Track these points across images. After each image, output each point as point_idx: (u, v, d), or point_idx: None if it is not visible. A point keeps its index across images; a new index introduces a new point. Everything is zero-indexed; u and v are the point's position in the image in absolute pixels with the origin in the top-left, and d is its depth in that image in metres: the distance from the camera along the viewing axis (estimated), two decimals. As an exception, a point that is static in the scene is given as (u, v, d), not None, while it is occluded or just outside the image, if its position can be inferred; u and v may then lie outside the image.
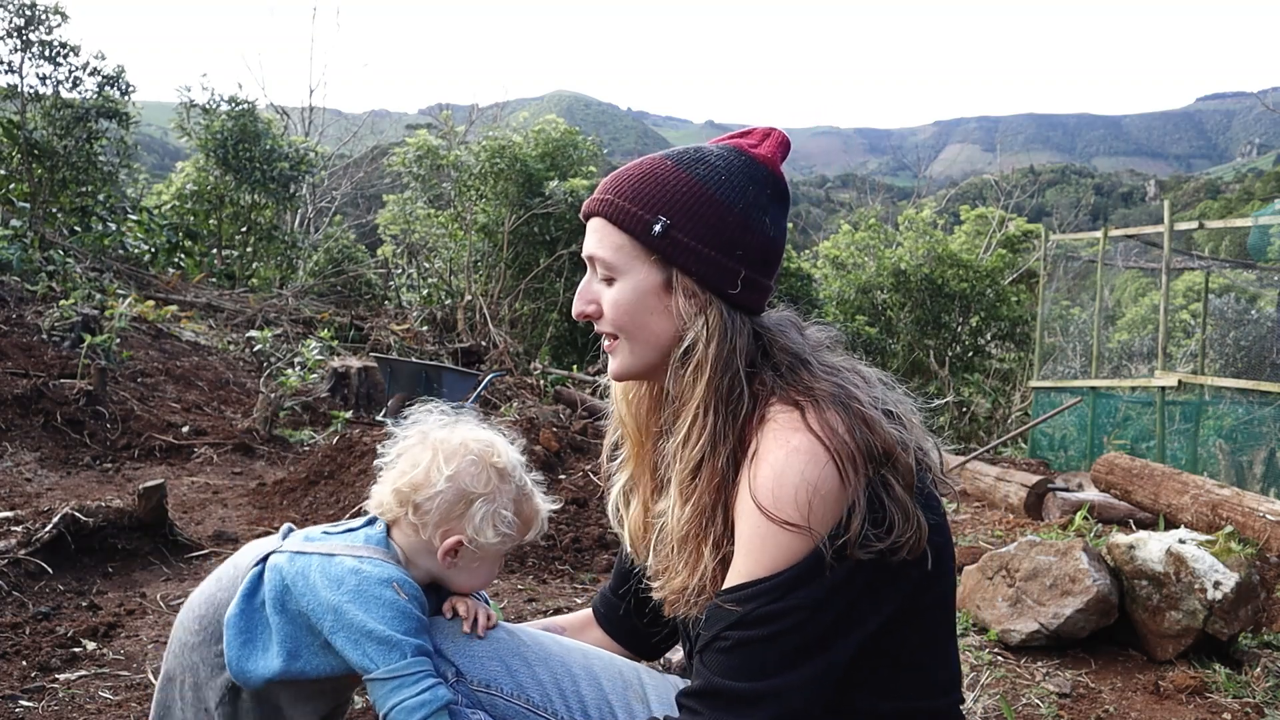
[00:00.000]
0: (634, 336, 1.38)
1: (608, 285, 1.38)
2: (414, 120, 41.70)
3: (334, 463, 5.19)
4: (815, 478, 1.22)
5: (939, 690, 1.40)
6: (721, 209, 1.33)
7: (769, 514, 1.22)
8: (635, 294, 1.36)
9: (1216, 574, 3.19)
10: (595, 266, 1.40)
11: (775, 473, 1.23)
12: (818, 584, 1.22)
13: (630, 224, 1.34)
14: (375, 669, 1.46)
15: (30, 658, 2.78)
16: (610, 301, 1.38)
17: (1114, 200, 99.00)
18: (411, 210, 16.65)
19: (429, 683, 1.46)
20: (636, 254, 1.35)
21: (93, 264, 11.91)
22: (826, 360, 1.38)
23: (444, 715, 1.46)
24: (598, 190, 1.40)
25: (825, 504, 1.22)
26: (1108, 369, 14.42)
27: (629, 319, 1.37)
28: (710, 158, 1.37)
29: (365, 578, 1.51)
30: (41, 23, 12.70)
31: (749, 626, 1.24)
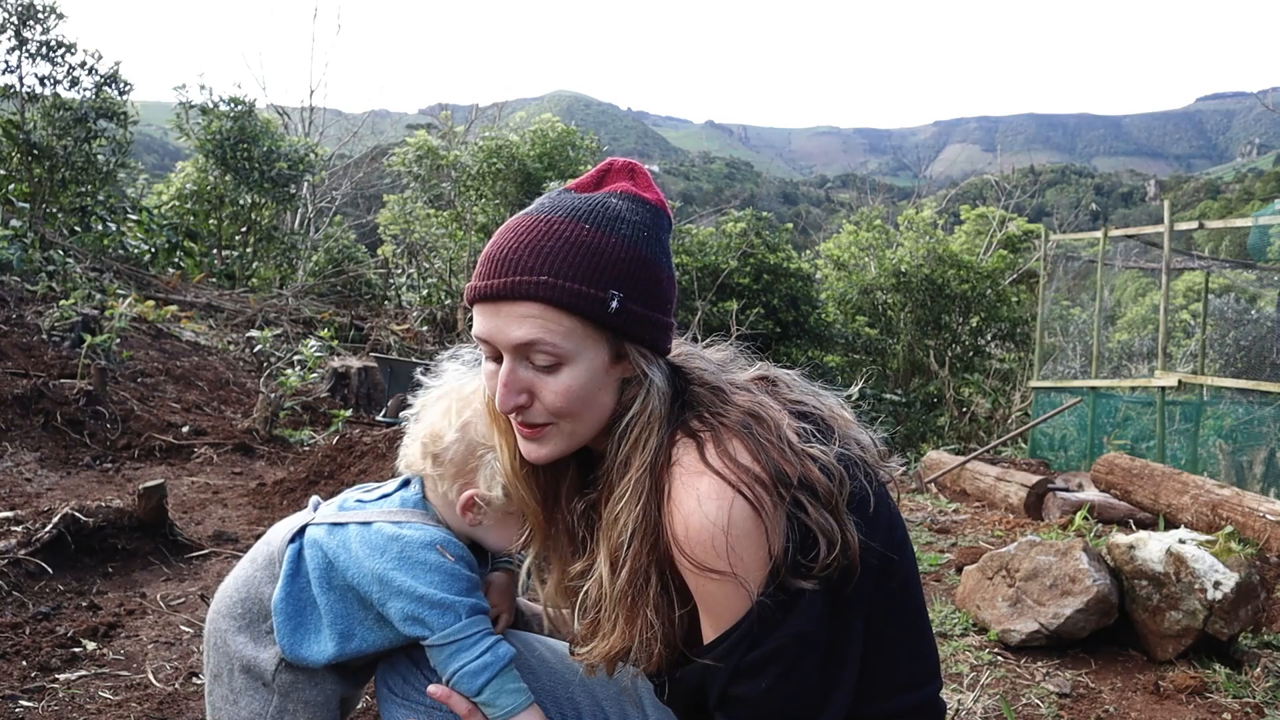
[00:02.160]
0: (579, 420, 1.28)
1: (548, 373, 1.25)
2: (414, 120, 41.71)
3: (334, 463, 5.20)
4: (726, 521, 1.17)
5: (908, 686, 1.37)
6: (653, 268, 1.27)
7: (696, 566, 1.19)
8: (588, 376, 1.26)
9: (1216, 574, 3.19)
10: (528, 353, 1.25)
11: (690, 526, 1.19)
12: (789, 621, 1.20)
13: (582, 305, 1.22)
14: (431, 635, 1.43)
15: (30, 658, 2.78)
16: (557, 390, 1.25)
17: (1114, 200, 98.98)
18: (411, 210, 16.65)
19: (488, 642, 1.43)
20: (587, 334, 1.24)
21: (93, 264, 11.91)
22: (736, 381, 1.34)
23: (510, 673, 1.43)
24: (508, 269, 1.23)
25: (746, 544, 1.18)
26: (1108, 369, 14.42)
27: (579, 404, 1.26)
28: (623, 213, 1.27)
29: (407, 543, 1.47)
30: (39, 22, 12.70)
31: (748, 678, 1.22)
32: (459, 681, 1.43)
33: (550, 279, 1.21)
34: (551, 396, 1.26)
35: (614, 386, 1.30)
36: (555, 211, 1.27)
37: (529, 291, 1.22)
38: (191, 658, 2.88)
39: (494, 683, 1.43)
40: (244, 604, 1.55)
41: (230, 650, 1.54)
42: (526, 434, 1.31)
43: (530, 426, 1.30)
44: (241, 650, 1.53)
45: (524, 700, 1.45)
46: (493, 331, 1.26)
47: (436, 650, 1.44)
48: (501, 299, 1.24)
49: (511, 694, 1.44)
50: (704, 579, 1.20)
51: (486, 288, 1.25)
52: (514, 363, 1.26)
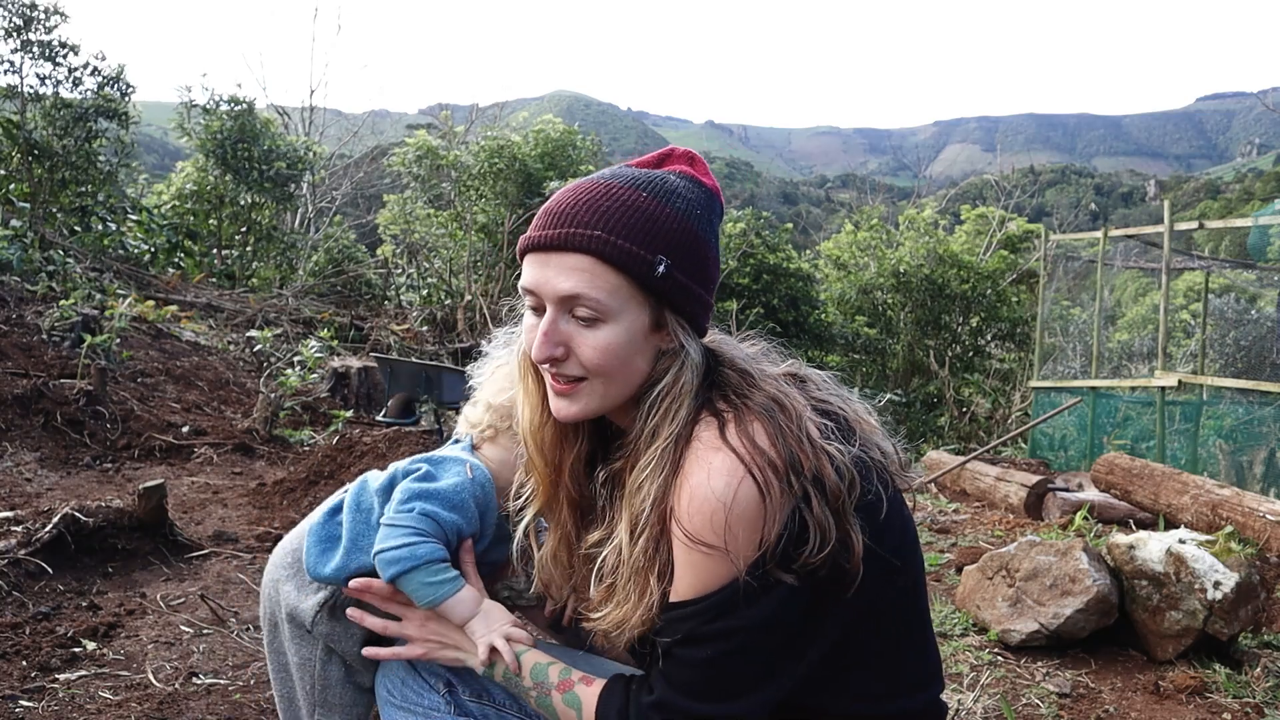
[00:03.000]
0: (613, 380, 1.31)
1: (588, 327, 1.28)
2: (414, 120, 41.71)
3: (334, 463, 5.19)
4: (731, 498, 1.19)
5: (911, 689, 1.38)
6: (702, 244, 1.31)
7: (689, 537, 1.21)
8: (628, 336, 1.29)
9: (1216, 574, 3.19)
10: (572, 306, 1.28)
11: (695, 495, 1.21)
12: (753, 606, 1.21)
13: (631, 264, 1.26)
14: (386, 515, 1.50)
15: (30, 658, 2.78)
16: (596, 345, 1.28)
17: (1114, 200, 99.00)
18: (411, 210, 16.65)
19: (413, 539, 1.46)
20: (632, 295, 1.28)
21: (93, 264, 11.91)
22: (766, 371, 1.36)
23: (430, 569, 1.45)
24: (563, 222, 1.27)
25: (743, 524, 1.19)
26: (1108, 369, 14.42)
27: (616, 363, 1.29)
28: (680, 189, 1.32)
29: (433, 456, 1.59)
30: (41, 22, 12.70)
31: (694, 645, 1.25)
32: (378, 565, 1.48)
33: (603, 234, 1.25)
34: (589, 351, 1.28)
35: (649, 354, 1.32)
36: (616, 178, 1.31)
37: (580, 243, 1.26)
38: (192, 658, 2.88)
39: (406, 576, 1.46)
40: (294, 554, 1.64)
41: (279, 598, 1.63)
42: (559, 389, 1.33)
43: (564, 382, 1.32)
44: (288, 598, 1.62)
45: (443, 593, 1.46)
46: (540, 281, 1.29)
47: (381, 530, 1.49)
48: (553, 249, 1.28)
49: (430, 587, 1.46)
50: (693, 550, 1.21)
51: (540, 238, 1.29)
52: (556, 314, 1.29)
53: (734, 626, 1.22)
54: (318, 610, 1.58)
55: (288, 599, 1.62)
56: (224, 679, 2.74)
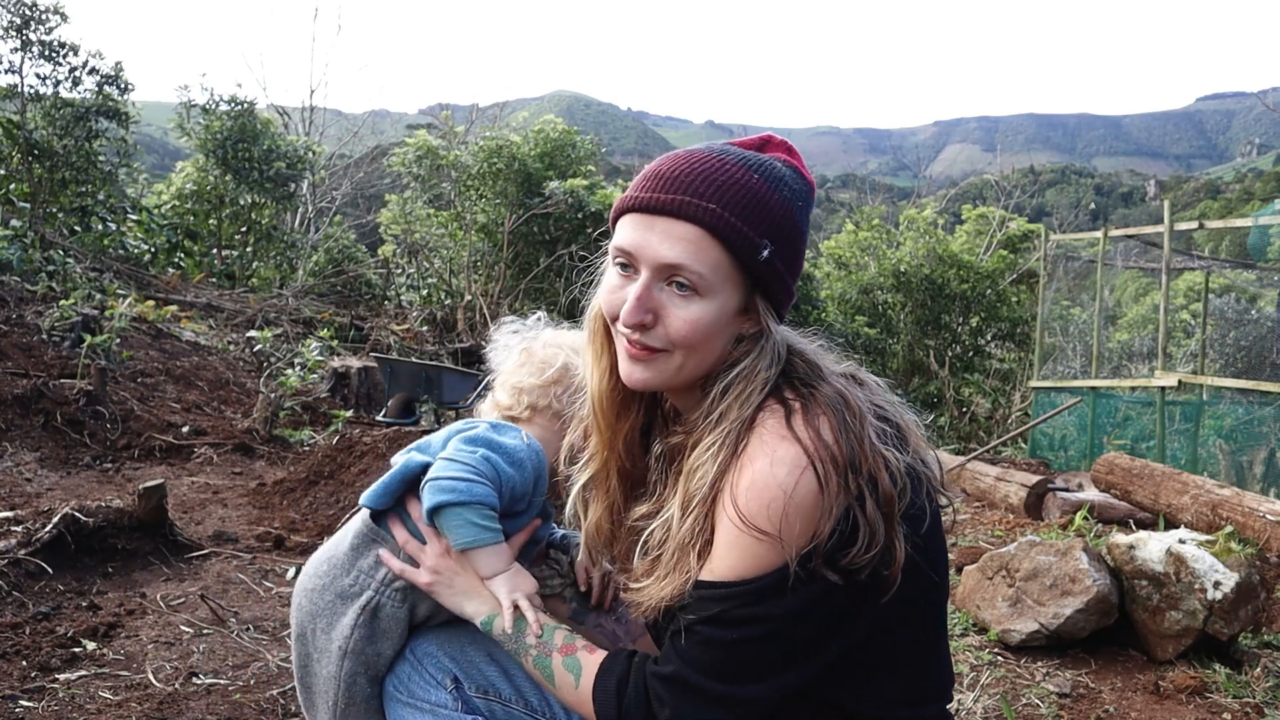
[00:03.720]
0: (693, 355, 1.29)
1: (683, 299, 1.26)
2: (414, 120, 41.70)
3: (334, 463, 5.19)
4: (792, 488, 1.19)
5: (925, 698, 1.40)
6: (800, 235, 1.31)
7: (744, 521, 1.20)
8: (719, 314, 1.27)
9: (1216, 574, 3.19)
10: (671, 275, 1.26)
11: (756, 482, 1.21)
12: (791, 596, 1.21)
13: (739, 244, 1.24)
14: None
15: (30, 658, 2.78)
16: (687, 319, 1.26)
17: (1114, 200, 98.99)
18: (411, 210, 16.64)
19: (471, 477, 1.44)
20: (730, 274, 1.27)
21: (93, 264, 11.90)
22: (831, 367, 1.37)
23: (480, 511, 1.43)
24: (677, 188, 1.25)
25: (800, 515, 1.19)
26: (1108, 369, 14.42)
27: (702, 339, 1.27)
28: (787, 177, 1.31)
29: (495, 422, 1.59)
30: (41, 22, 12.70)
31: (722, 625, 1.24)
32: (425, 490, 1.45)
33: (717, 208, 1.23)
34: (678, 324, 1.26)
35: (729, 336, 1.31)
36: (727, 154, 1.29)
37: (694, 214, 1.24)
38: (192, 658, 2.88)
39: (453, 509, 1.43)
40: (330, 561, 1.60)
41: (315, 608, 1.57)
42: (636, 354, 1.31)
43: (643, 349, 1.29)
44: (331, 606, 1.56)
45: (483, 539, 1.44)
46: (641, 244, 1.26)
47: (438, 462, 1.47)
48: (662, 213, 1.25)
49: (473, 528, 1.44)
50: (745, 534, 1.20)
51: (650, 200, 1.26)
52: (652, 280, 1.27)
53: (768, 614, 1.22)
54: (359, 614, 1.54)
55: (328, 612, 1.56)
56: (224, 679, 2.74)
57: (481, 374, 1.74)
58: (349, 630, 1.52)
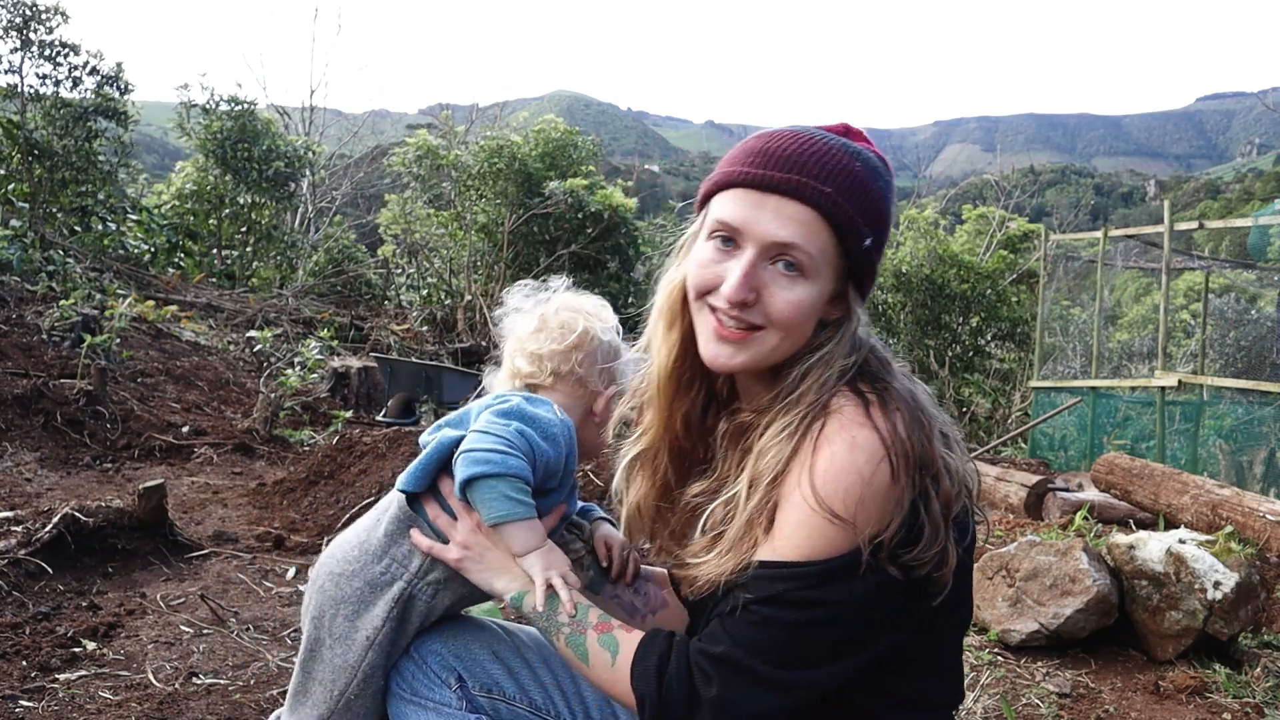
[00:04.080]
0: (788, 337, 1.28)
1: (788, 280, 1.25)
2: (414, 120, 41.70)
3: (334, 463, 5.19)
4: (870, 475, 1.19)
5: (937, 705, 1.41)
6: (888, 229, 1.32)
7: (820, 503, 1.19)
8: (818, 298, 1.27)
9: (1216, 574, 3.19)
10: (778, 254, 1.25)
11: (834, 465, 1.20)
12: (857, 584, 1.20)
13: (848, 229, 1.25)
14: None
15: (30, 658, 2.77)
16: (790, 300, 1.25)
17: (1114, 200, 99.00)
18: (411, 210, 16.64)
19: (506, 449, 1.40)
20: (833, 260, 1.26)
21: (93, 264, 11.91)
22: (899, 367, 1.38)
23: (514, 484, 1.39)
24: (793, 169, 1.23)
25: (874, 503, 1.19)
26: (1108, 369, 14.42)
27: (800, 321, 1.27)
28: (880, 169, 1.30)
29: (528, 395, 1.56)
30: (42, 22, 12.71)
31: (784, 606, 1.21)
32: (457, 463, 1.41)
33: (833, 193, 1.23)
34: (782, 304, 1.25)
35: (815, 319, 1.30)
36: (830, 140, 1.28)
37: (809, 195, 1.23)
38: (192, 658, 2.88)
39: (487, 482, 1.39)
40: (362, 546, 1.53)
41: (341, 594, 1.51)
42: (728, 335, 1.28)
43: (739, 329, 1.27)
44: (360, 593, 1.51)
45: (517, 513, 1.40)
46: (750, 221, 1.25)
47: (471, 435, 1.43)
48: (775, 191, 1.24)
49: (507, 501, 1.40)
50: (818, 515, 1.19)
51: (764, 176, 1.24)
52: (758, 259, 1.25)
53: (832, 598, 1.20)
54: (392, 606, 1.49)
55: (357, 598, 1.50)
56: (224, 679, 2.74)
57: (481, 374, 1.71)
58: (380, 623, 1.48)
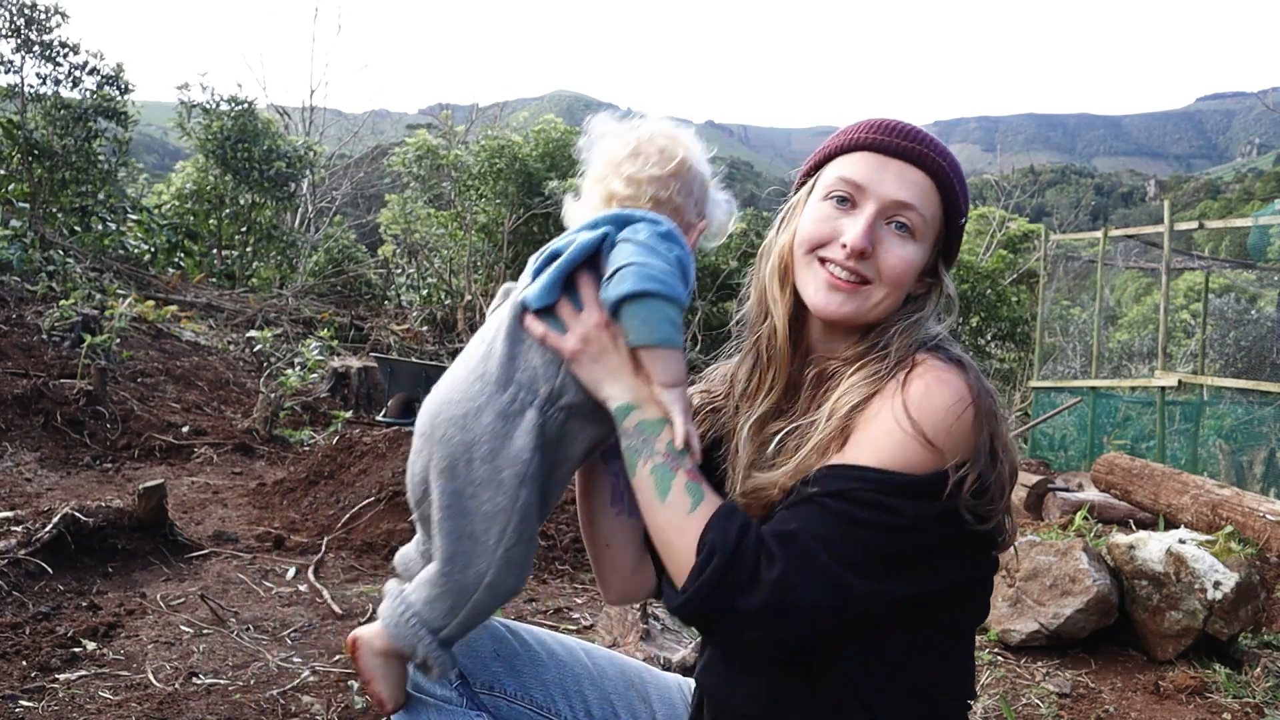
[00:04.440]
0: (891, 294, 1.36)
1: (900, 238, 1.35)
2: (414, 120, 41.69)
3: (334, 463, 5.19)
4: (960, 411, 1.24)
5: (960, 698, 1.41)
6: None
7: (911, 422, 1.22)
8: (920, 262, 1.37)
9: (1216, 574, 3.19)
10: (894, 214, 1.35)
11: (927, 394, 1.25)
12: (926, 504, 1.21)
13: (955, 202, 1.38)
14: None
15: (30, 658, 2.78)
16: (902, 256, 1.35)
17: (1114, 200, 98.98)
18: (412, 210, 16.65)
19: (673, 271, 1.31)
20: (937, 229, 1.38)
21: (93, 264, 11.91)
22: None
23: (672, 309, 1.30)
24: (915, 140, 1.36)
25: (961, 439, 1.23)
26: (1108, 369, 14.43)
27: (906, 279, 1.36)
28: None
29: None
30: (42, 23, 12.71)
31: (851, 503, 1.21)
32: (623, 273, 1.29)
33: (947, 166, 1.37)
34: (894, 259, 1.34)
35: (909, 290, 1.39)
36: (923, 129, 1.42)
37: (929, 164, 1.36)
38: (192, 658, 2.88)
39: (653, 300, 1.29)
40: (483, 379, 1.34)
41: (472, 434, 1.31)
42: (841, 284, 1.35)
43: (851, 280, 1.35)
44: (492, 430, 1.32)
45: (675, 340, 1.31)
46: (874, 180, 1.35)
47: (630, 247, 1.32)
48: (898, 156, 1.36)
49: (667, 324, 1.30)
50: (904, 431, 1.22)
51: (888, 143, 1.36)
52: (876, 217, 1.35)
53: (900, 509, 1.20)
54: (531, 449, 1.31)
55: (481, 436, 1.31)
56: (224, 679, 2.74)
57: None
58: (527, 454, 1.31)
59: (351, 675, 2.81)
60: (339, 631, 3.23)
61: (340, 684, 2.76)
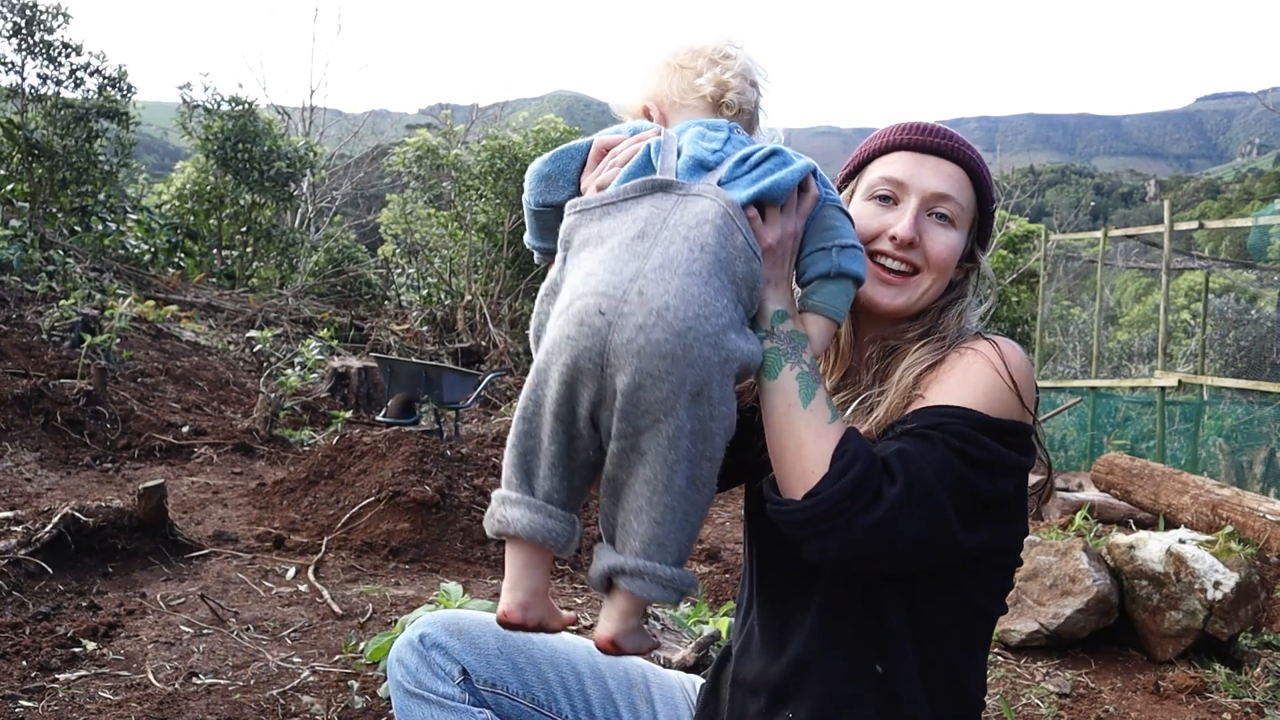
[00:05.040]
0: (938, 280, 1.47)
1: (942, 227, 1.46)
2: (414, 120, 41.69)
3: (334, 463, 5.19)
4: (1027, 373, 1.37)
5: (976, 697, 1.44)
6: None
7: (1004, 365, 1.34)
8: (961, 246, 1.48)
9: (1216, 574, 3.19)
10: (935, 205, 1.46)
11: (1004, 350, 1.37)
12: (1015, 451, 1.30)
13: (986, 191, 1.50)
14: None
15: (30, 658, 2.78)
16: (946, 243, 1.45)
17: (1114, 200, 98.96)
18: (412, 210, 16.64)
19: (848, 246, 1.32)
20: (973, 217, 1.50)
21: (93, 264, 11.91)
22: None
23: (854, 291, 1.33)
24: (947, 138, 1.48)
25: (1031, 395, 1.37)
26: (1108, 369, 14.43)
27: (950, 264, 1.47)
28: None
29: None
30: (43, 23, 12.70)
31: (955, 436, 1.25)
32: (848, 256, 1.31)
33: (978, 163, 1.50)
34: (939, 246, 1.45)
35: (949, 275, 1.49)
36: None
37: (962, 157, 1.48)
38: (192, 658, 2.88)
39: (850, 286, 1.32)
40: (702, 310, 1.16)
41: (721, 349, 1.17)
42: (891, 279, 1.45)
43: (899, 272, 1.45)
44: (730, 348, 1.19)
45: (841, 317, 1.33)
46: (914, 175, 1.46)
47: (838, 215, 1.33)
48: (934, 153, 1.47)
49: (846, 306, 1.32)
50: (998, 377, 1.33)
51: (924, 141, 1.48)
52: (920, 206, 1.46)
53: (999, 450, 1.27)
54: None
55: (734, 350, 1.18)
56: (224, 679, 2.74)
57: (481, 374, 1.66)
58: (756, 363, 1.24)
59: (351, 675, 2.81)
60: (339, 631, 3.23)
61: (340, 684, 2.76)
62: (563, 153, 1.40)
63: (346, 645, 3.05)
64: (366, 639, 3.02)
